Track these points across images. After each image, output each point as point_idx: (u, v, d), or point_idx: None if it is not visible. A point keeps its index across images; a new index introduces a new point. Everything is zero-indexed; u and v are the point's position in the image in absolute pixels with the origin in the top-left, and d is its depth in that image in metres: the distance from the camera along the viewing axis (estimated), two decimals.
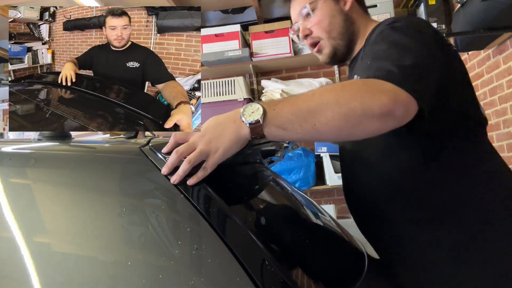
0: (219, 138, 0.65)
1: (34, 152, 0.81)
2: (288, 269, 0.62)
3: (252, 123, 0.63)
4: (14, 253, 0.60)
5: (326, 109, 0.62)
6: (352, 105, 0.62)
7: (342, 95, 0.63)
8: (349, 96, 0.63)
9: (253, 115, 0.63)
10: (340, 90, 0.66)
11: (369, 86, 0.65)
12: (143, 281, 0.54)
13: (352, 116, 0.62)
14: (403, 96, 0.64)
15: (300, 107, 0.64)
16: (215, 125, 0.66)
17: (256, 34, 2.69)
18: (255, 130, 0.64)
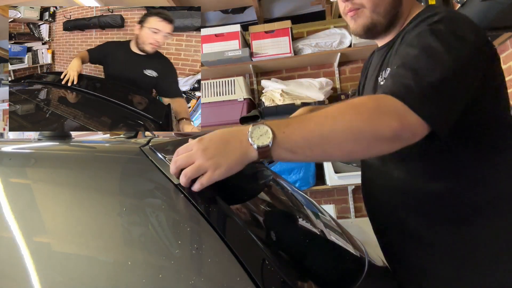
0: (222, 155, 0.62)
1: (34, 152, 0.81)
2: (288, 269, 0.62)
3: (261, 147, 0.61)
4: (14, 253, 0.60)
5: (339, 135, 0.62)
6: (364, 130, 0.62)
7: (355, 120, 0.63)
8: (361, 121, 0.62)
9: (262, 138, 0.61)
10: (353, 113, 0.64)
11: (381, 107, 0.64)
12: (143, 281, 0.54)
13: (363, 140, 0.63)
14: (412, 119, 0.63)
15: (313, 132, 0.62)
16: (219, 141, 0.63)
17: (256, 34, 2.69)
18: (264, 154, 0.62)
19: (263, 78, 2.91)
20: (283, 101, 2.55)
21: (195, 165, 0.61)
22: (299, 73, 2.93)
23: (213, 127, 2.54)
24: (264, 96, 2.67)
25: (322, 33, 2.72)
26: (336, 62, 2.78)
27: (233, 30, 2.68)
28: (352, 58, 2.81)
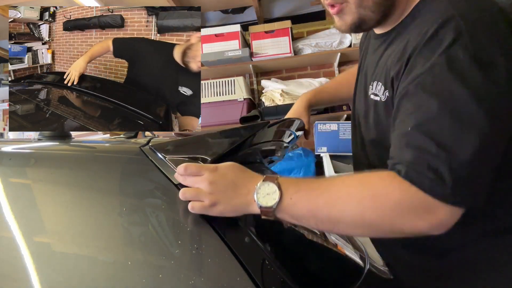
0: (224, 197, 0.60)
1: (34, 152, 0.81)
2: (288, 269, 0.62)
3: (263, 208, 0.58)
4: (14, 253, 0.60)
5: (349, 222, 0.57)
6: (380, 225, 0.56)
7: (371, 212, 0.55)
8: (378, 215, 0.55)
9: (267, 198, 0.58)
10: (369, 203, 0.56)
11: (404, 203, 0.55)
12: (143, 281, 0.54)
13: (378, 232, 0.59)
14: (443, 213, 0.55)
15: (321, 210, 0.57)
16: (230, 181, 0.61)
17: (256, 34, 2.69)
18: (266, 213, 0.59)
19: (263, 78, 2.91)
20: (283, 101, 2.55)
21: (197, 191, 0.60)
22: (299, 73, 2.93)
23: (213, 127, 2.55)
24: (264, 96, 2.67)
25: (322, 33, 2.71)
26: (336, 62, 2.78)
27: (233, 30, 2.68)
28: (352, 58, 2.81)
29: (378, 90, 0.75)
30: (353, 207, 0.56)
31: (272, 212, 0.58)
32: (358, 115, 0.89)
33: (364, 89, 0.86)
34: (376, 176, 0.59)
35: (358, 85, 0.92)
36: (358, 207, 0.56)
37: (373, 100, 0.78)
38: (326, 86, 1.22)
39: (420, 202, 0.55)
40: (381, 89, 0.73)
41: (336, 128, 2.47)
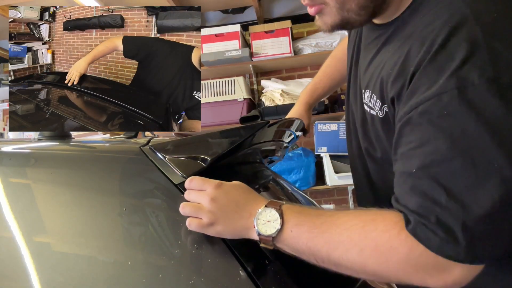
0: (224, 217, 0.57)
1: (34, 152, 0.81)
2: (288, 269, 0.62)
3: (262, 235, 0.55)
4: (14, 253, 0.60)
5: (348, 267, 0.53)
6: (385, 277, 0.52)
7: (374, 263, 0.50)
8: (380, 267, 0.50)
9: (267, 226, 0.55)
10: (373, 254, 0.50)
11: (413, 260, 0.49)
12: (143, 281, 0.54)
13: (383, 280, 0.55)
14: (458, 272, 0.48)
15: (320, 250, 0.53)
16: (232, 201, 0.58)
17: (256, 34, 2.69)
18: (265, 242, 0.56)
19: (263, 78, 2.91)
20: (283, 101, 2.55)
21: (196, 207, 0.58)
22: (299, 73, 2.93)
23: (213, 127, 2.55)
24: (264, 96, 2.67)
25: (322, 33, 2.71)
26: None
27: (233, 30, 2.69)
28: None
29: (373, 104, 0.66)
30: (354, 256, 0.51)
31: (271, 241, 0.55)
32: (354, 119, 0.83)
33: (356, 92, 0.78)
34: (381, 222, 0.52)
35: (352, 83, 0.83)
36: (359, 256, 0.51)
37: (369, 113, 0.70)
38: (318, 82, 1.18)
39: (429, 262, 0.48)
40: (377, 104, 0.65)
41: (336, 128, 2.47)
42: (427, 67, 0.51)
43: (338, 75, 1.15)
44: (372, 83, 0.66)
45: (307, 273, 0.66)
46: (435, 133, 0.48)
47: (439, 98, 0.48)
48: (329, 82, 1.17)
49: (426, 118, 0.49)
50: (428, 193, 0.48)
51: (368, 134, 0.75)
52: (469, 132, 0.46)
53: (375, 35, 0.69)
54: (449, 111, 0.47)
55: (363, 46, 0.76)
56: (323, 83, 1.17)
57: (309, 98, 1.15)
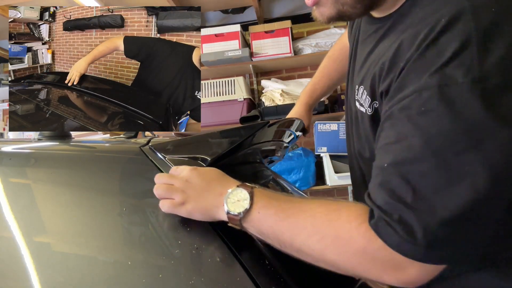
0: (195, 197, 0.58)
1: (34, 152, 0.81)
2: (288, 269, 0.62)
3: (230, 213, 0.55)
4: (14, 253, 0.60)
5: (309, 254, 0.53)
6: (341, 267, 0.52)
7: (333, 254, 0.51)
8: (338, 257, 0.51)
9: (236, 204, 0.55)
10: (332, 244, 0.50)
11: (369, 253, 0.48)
12: (143, 281, 0.54)
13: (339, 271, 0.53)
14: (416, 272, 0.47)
15: (284, 233, 0.53)
16: (205, 182, 0.59)
17: (256, 34, 2.69)
18: (232, 220, 0.56)
19: (263, 78, 2.91)
20: (283, 101, 2.55)
21: (169, 187, 0.59)
22: (299, 73, 2.93)
23: (213, 127, 2.55)
24: (264, 96, 2.67)
25: (322, 33, 2.71)
26: None
27: (233, 30, 2.69)
28: None
29: (363, 100, 0.65)
30: (315, 243, 0.51)
31: (238, 220, 0.55)
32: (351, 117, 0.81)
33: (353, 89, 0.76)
34: (346, 213, 0.52)
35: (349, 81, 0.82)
36: (319, 244, 0.51)
37: (359, 111, 0.69)
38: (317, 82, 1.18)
39: (386, 257, 0.47)
40: (367, 100, 0.64)
41: (336, 128, 2.47)
42: (416, 62, 0.49)
43: (335, 74, 1.15)
44: (365, 79, 0.65)
45: (307, 273, 0.66)
46: (411, 130, 0.47)
47: (420, 94, 0.46)
48: (328, 82, 1.17)
49: (405, 114, 0.48)
50: (395, 190, 0.47)
51: (359, 132, 0.74)
52: (445, 132, 0.44)
53: (372, 29, 0.67)
54: (428, 108, 0.45)
55: (360, 41, 0.74)
56: (322, 83, 1.17)
57: (309, 98, 1.16)
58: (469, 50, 0.44)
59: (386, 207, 0.48)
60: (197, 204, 0.58)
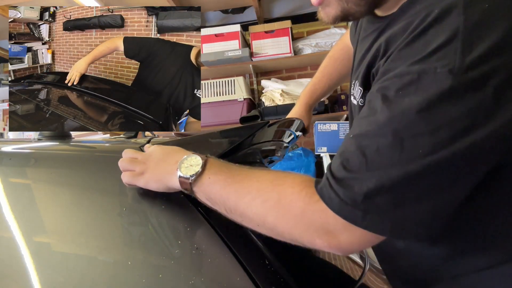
0: (152, 170, 0.61)
1: (34, 152, 0.81)
2: (288, 269, 0.62)
3: (182, 177, 0.57)
4: (14, 253, 0.60)
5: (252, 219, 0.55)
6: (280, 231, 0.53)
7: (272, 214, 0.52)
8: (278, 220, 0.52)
9: (189, 168, 0.58)
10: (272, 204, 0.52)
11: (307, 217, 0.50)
12: (143, 281, 0.54)
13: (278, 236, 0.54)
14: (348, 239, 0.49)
15: (230, 197, 0.56)
16: (163, 154, 0.63)
17: (256, 34, 2.69)
18: (184, 186, 0.58)
19: (263, 78, 2.91)
20: (283, 101, 2.55)
21: (132, 160, 0.64)
22: (299, 73, 2.93)
23: (213, 127, 2.55)
24: (264, 96, 2.67)
25: (322, 33, 2.72)
26: None
27: (233, 30, 2.69)
28: None
29: (357, 93, 0.67)
30: (258, 206, 0.53)
31: (189, 184, 0.57)
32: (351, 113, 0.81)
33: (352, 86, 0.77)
34: (290, 180, 0.54)
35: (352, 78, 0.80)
36: (261, 207, 0.53)
37: (354, 104, 0.70)
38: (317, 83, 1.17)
39: (321, 220, 0.49)
40: (359, 92, 0.65)
41: (336, 128, 2.47)
42: (403, 51, 0.51)
43: (336, 74, 1.15)
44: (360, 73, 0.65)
45: (307, 273, 0.66)
46: (382, 107, 0.49)
47: (400, 78, 0.48)
48: (328, 82, 1.16)
49: (381, 92, 0.50)
50: (350, 159, 0.49)
51: None
52: (409, 114, 0.46)
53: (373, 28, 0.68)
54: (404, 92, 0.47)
55: (360, 40, 0.75)
56: (322, 83, 1.17)
57: (309, 99, 1.16)
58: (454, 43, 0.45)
59: (336, 173, 0.50)
60: (153, 173, 0.61)
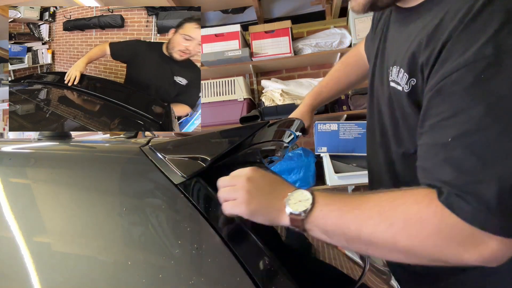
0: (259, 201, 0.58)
1: (34, 152, 0.81)
2: (288, 269, 0.62)
3: (293, 214, 0.55)
4: (14, 253, 0.60)
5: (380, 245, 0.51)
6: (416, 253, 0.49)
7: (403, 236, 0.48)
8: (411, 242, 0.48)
9: (299, 204, 0.55)
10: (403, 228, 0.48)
11: (445, 231, 0.47)
12: (143, 281, 0.54)
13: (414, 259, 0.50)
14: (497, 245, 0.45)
15: (350, 226, 0.52)
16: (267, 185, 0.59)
17: (256, 34, 2.69)
18: (295, 222, 0.55)
19: (263, 78, 2.91)
20: (283, 101, 2.55)
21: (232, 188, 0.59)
22: (299, 73, 2.93)
23: (213, 127, 2.55)
24: (264, 96, 2.67)
25: (322, 33, 2.72)
26: (336, 62, 2.78)
27: (233, 30, 2.68)
28: None
29: (400, 78, 0.66)
30: (384, 230, 0.49)
31: (301, 221, 0.54)
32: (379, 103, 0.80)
33: (382, 74, 0.76)
34: (411, 196, 0.51)
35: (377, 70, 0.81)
36: (389, 230, 0.49)
37: (394, 89, 0.69)
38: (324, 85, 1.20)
39: (463, 233, 0.46)
40: (404, 77, 0.64)
41: (336, 128, 2.47)
42: (461, 35, 0.50)
43: (345, 79, 1.16)
44: (400, 58, 0.65)
45: (307, 273, 0.66)
46: (469, 101, 0.47)
47: (474, 64, 0.47)
48: (335, 86, 1.18)
49: (459, 86, 0.48)
50: (462, 163, 0.47)
51: (395, 114, 0.72)
52: (506, 98, 0.44)
53: (403, 17, 0.68)
54: (486, 77, 0.46)
55: (390, 32, 0.75)
56: (329, 86, 1.19)
57: (313, 100, 1.16)
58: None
59: (455, 181, 0.47)
60: (260, 206, 0.57)
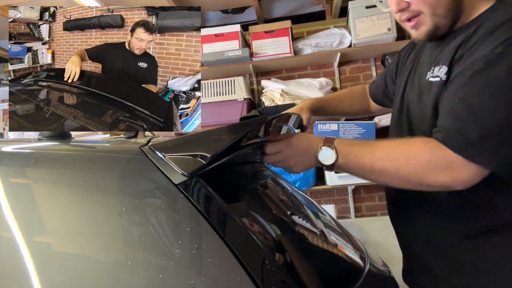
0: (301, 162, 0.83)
1: (34, 152, 0.81)
2: (288, 269, 0.62)
3: (325, 165, 0.80)
4: (14, 253, 0.60)
5: (387, 176, 0.75)
6: (411, 179, 0.72)
7: (404, 169, 0.72)
8: (409, 172, 0.72)
9: (327, 159, 0.79)
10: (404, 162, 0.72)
11: (433, 161, 0.69)
12: (143, 281, 0.54)
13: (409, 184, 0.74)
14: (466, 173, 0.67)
15: (367, 165, 0.77)
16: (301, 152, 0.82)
17: (256, 34, 2.69)
18: (328, 168, 0.81)
19: (263, 78, 2.91)
20: (283, 101, 2.55)
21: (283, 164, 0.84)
22: (299, 73, 2.93)
23: (213, 127, 2.54)
24: (264, 96, 2.67)
25: (322, 33, 2.71)
26: (336, 62, 2.78)
27: (233, 30, 2.68)
28: (352, 58, 2.81)
29: (440, 72, 0.80)
30: (391, 164, 0.73)
31: (331, 167, 0.80)
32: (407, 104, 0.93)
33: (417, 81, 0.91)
34: (413, 141, 0.74)
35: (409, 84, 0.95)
36: (395, 163, 0.73)
37: (429, 81, 0.83)
38: (329, 97, 1.27)
39: (446, 159, 0.67)
40: (443, 70, 0.79)
41: (336, 128, 2.47)
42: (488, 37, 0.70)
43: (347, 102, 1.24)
44: (443, 59, 0.81)
45: (307, 273, 0.66)
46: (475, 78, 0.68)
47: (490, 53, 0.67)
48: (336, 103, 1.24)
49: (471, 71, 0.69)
50: (460, 114, 0.68)
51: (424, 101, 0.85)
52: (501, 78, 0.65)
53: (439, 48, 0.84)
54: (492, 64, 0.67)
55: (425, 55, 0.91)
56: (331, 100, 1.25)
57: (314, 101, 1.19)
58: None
59: (452, 126, 0.69)
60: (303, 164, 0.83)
